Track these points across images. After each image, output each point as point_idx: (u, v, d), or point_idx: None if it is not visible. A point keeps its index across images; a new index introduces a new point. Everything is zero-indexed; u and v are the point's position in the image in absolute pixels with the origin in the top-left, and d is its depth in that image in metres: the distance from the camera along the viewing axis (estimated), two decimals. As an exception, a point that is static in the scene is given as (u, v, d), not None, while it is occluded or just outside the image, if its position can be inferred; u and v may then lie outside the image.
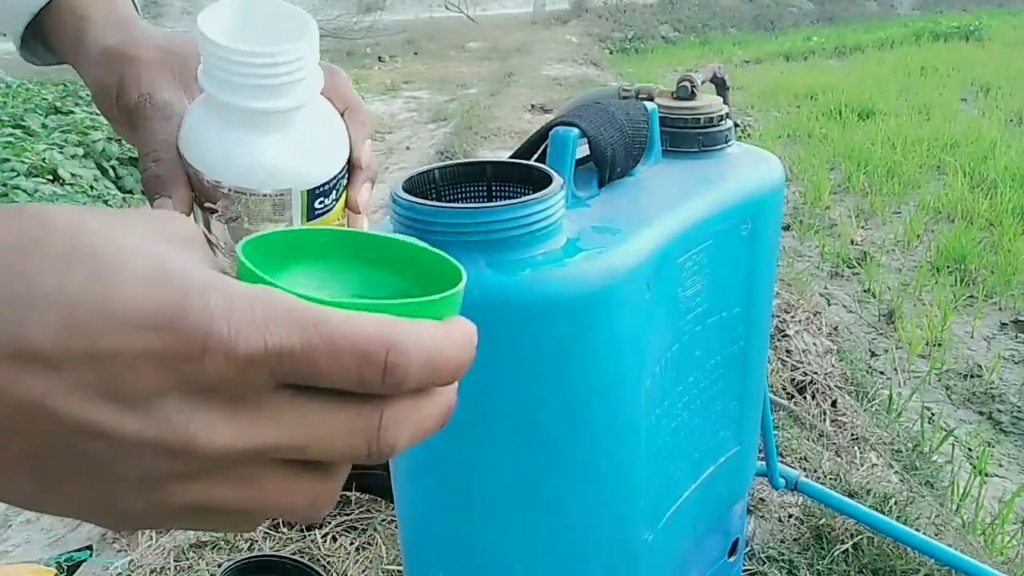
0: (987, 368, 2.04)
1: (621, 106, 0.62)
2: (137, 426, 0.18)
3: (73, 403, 0.18)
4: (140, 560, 1.07)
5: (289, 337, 0.19)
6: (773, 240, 0.70)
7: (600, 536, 0.59)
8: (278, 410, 0.20)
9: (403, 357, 0.20)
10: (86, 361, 0.18)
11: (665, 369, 0.60)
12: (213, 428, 0.19)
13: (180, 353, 0.18)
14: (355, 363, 0.19)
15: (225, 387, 0.19)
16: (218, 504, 0.20)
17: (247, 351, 0.18)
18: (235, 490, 0.20)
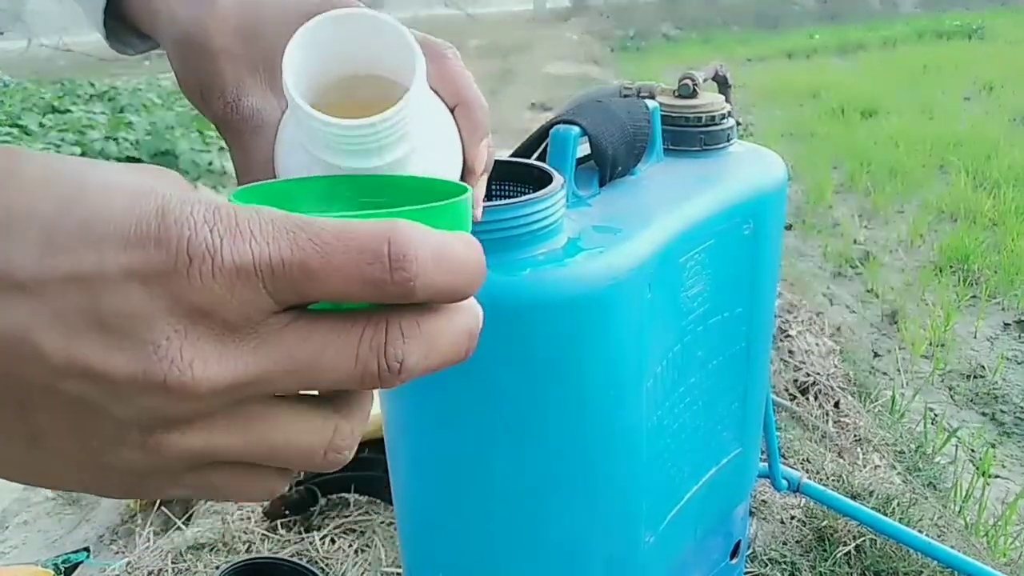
0: (990, 369, 2.03)
1: (622, 104, 0.62)
2: (124, 359, 0.17)
3: (57, 335, 0.17)
4: (137, 562, 1.07)
5: (277, 244, 0.17)
6: (775, 240, 0.70)
7: (601, 538, 0.59)
8: (277, 335, 0.18)
9: (409, 248, 0.18)
10: (68, 283, 0.17)
11: (666, 370, 0.60)
12: (208, 358, 0.17)
13: (164, 266, 0.17)
14: (354, 261, 0.18)
15: (217, 309, 0.17)
16: (223, 452, 0.19)
17: (234, 262, 0.17)
18: (240, 434, 0.19)
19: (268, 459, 0.20)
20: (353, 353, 0.19)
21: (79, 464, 0.19)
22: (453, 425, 0.54)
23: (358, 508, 1.14)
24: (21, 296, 0.17)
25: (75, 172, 0.18)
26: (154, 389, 0.17)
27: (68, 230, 0.17)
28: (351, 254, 0.18)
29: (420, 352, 0.19)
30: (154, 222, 0.17)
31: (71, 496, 1.47)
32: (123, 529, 1.34)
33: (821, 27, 8.66)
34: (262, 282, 0.17)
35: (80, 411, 0.18)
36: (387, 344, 0.19)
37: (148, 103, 3.90)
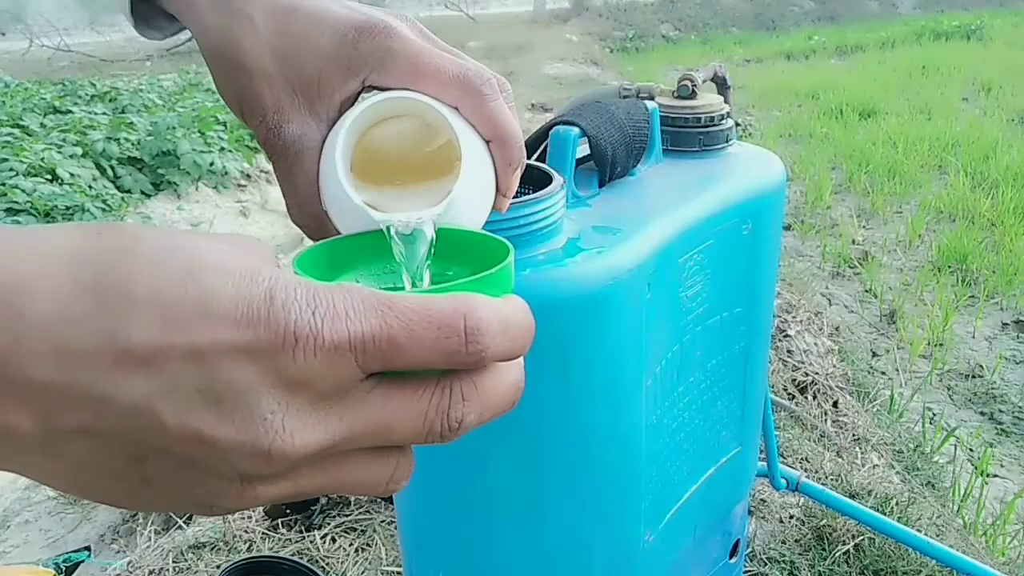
0: (988, 368, 2.04)
1: (622, 105, 0.62)
2: (235, 429, 0.19)
3: (175, 407, 0.19)
4: (138, 561, 1.07)
5: (369, 322, 0.20)
6: (774, 240, 0.70)
7: (600, 537, 0.59)
8: (363, 402, 0.21)
9: (482, 322, 0.20)
10: (185, 360, 0.19)
11: (666, 369, 0.60)
12: (304, 428, 0.20)
13: (271, 345, 0.19)
14: (434, 335, 0.20)
15: (314, 382, 0.20)
16: (303, 493, 0.22)
17: (332, 340, 0.19)
18: (321, 478, 0.21)
19: (339, 491, 0.23)
20: (422, 417, 0.21)
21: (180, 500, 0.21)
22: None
23: (358, 507, 1.14)
24: (143, 370, 0.18)
25: (188, 252, 0.19)
26: (259, 455, 0.20)
27: (185, 310, 0.19)
28: (432, 329, 0.20)
29: (477, 411, 0.22)
30: (264, 306, 0.19)
31: (73, 495, 1.47)
32: (124, 528, 1.34)
33: (820, 28, 8.66)
34: (355, 357, 0.20)
35: (189, 467, 0.20)
36: (450, 408, 0.21)
37: (149, 103, 3.90)
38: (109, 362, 0.18)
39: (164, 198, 2.96)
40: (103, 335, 0.18)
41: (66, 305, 0.18)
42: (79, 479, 0.20)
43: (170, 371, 0.19)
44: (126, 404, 0.18)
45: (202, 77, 4.48)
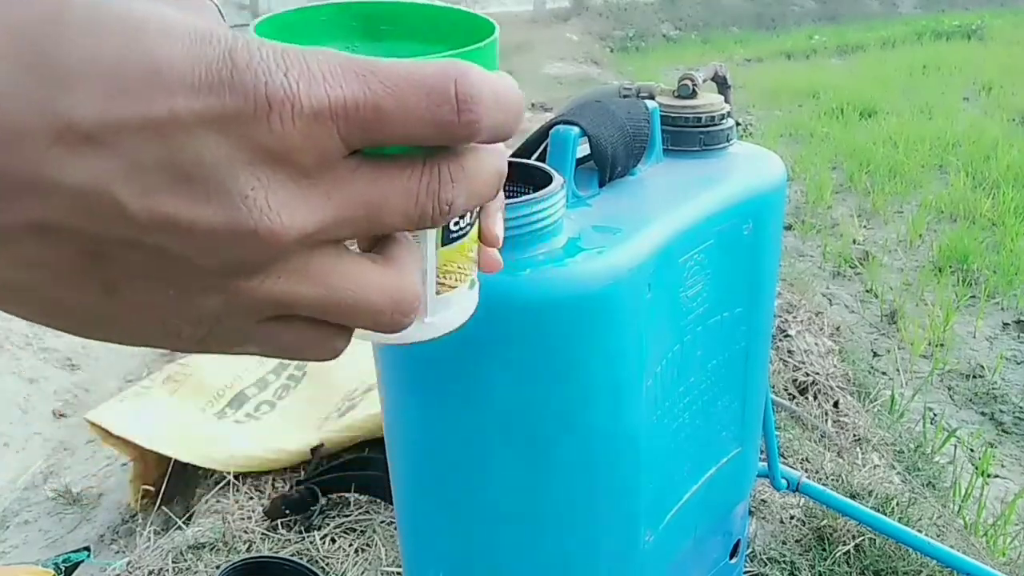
0: (989, 368, 2.04)
1: (622, 105, 0.62)
2: (212, 211, 0.17)
3: (137, 189, 0.16)
4: (138, 562, 1.07)
5: (350, 87, 0.17)
6: (775, 240, 0.70)
7: (600, 537, 0.59)
8: (348, 179, 0.18)
9: (475, 89, 0.18)
10: (141, 132, 0.16)
11: (666, 369, 0.60)
12: (292, 205, 0.17)
13: (242, 113, 0.16)
14: (424, 102, 0.18)
15: (294, 155, 0.17)
16: (297, 302, 0.19)
17: (311, 105, 0.17)
18: (315, 284, 0.19)
19: (338, 312, 0.20)
20: (413, 197, 0.19)
21: (153, 313, 0.19)
22: (453, 425, 0.54)
23: (358, 508, 1.14)
24: (91, 148, 0.16)
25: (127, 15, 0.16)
26: (243, 239, 0.17)
27: (133, 77, 0.16)
28: (421, 95, 0.18)
29: (465, 193, 0.20)
30: (225, 67, 0.16)
31: (72, 496, 1.47)
32: (124, 528, 1.34)
33: (820, 27, 8.65)
34: (336, 126, 0.17)
35: (160, 262, 0.17)
36: (440, 188, 0.20)
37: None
38: (50, 139, 0.15)
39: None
40: (40, 111, 0.15)
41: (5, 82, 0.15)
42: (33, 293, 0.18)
43: (124, 147, 0.16)
44: (75, 186, 0.16)
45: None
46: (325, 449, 1.19)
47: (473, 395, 0.52)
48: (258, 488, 1.20)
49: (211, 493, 1.19)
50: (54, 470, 1.61)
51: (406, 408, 0.56)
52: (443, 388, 0.53)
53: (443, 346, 0.50)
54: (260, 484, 1.20)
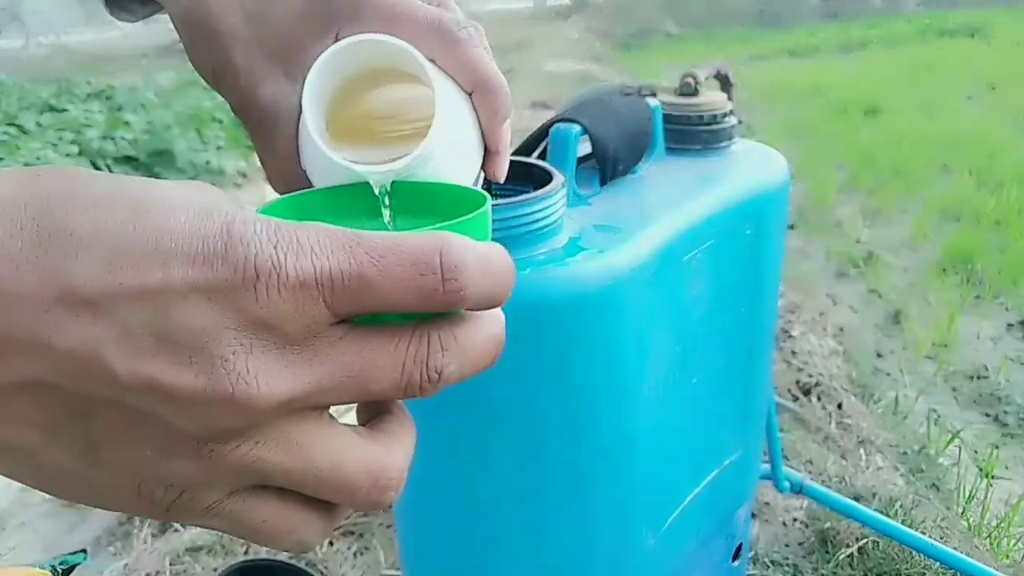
0: (994, 369, 2.03)
1: (623, 103, 0.61)
2: (192, 374, 0.17)
3: (125, 352, 0.17)
4: (135, 564, 1.06)
5: (336, 257, 0.18)
6: (778, 239, 0.69)
7: (602, 539, 0.58)
8: (334, 347, 0.19)
9: (459, 259, 0.19)
10: (135, 301, 0.17)
11: (668, 370, 0.59)
12: (271, 371, 0.18)
13: (230, 283, 0.17)
14: (408, 272, 0.18)
15: (279, 323, 0.18)
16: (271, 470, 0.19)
17: (298, 276, 0.18)
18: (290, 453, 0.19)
19: (313, 484, 0.20)
20: (400, 366, 0.19)
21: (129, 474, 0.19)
22: (453, 426, 0.53)
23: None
24: (88, 312, 0.17)
25: (138, 191, 0.18)
26: (220, 402, 0.18)
27: (134, 247, 0.17)
28: (405, 266, 0.18)
29: (457, 363, 0.20)
30: (220, 240, 0.18)
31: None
32: (121, 531, 1.34)
33: (823, 25, 8.65)
34: (323, 295, 0.18)
35: (140, 422, 0.18)
36: (429, 357, 0.20)
37: (145, 102, 3.89)
38: (50, 303, 0.17)
39: (164, 196, 2.96)
40: (43, 275, 0.17)
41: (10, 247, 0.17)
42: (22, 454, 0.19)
43: (118, 313, 0.17)
44: (70, 349, 0.17)
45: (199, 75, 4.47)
46: (324, 450, 1.18)
47: (473, 395, 0.51)
48: (257, 489, 1.19)
49: (209, 494, 1.18)
50: (53, 470, 1.60)
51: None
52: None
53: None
54: (259, 485, 1.20)
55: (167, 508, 0.20)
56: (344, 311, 0.19)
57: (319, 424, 0.20)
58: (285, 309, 0.18)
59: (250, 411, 0.18)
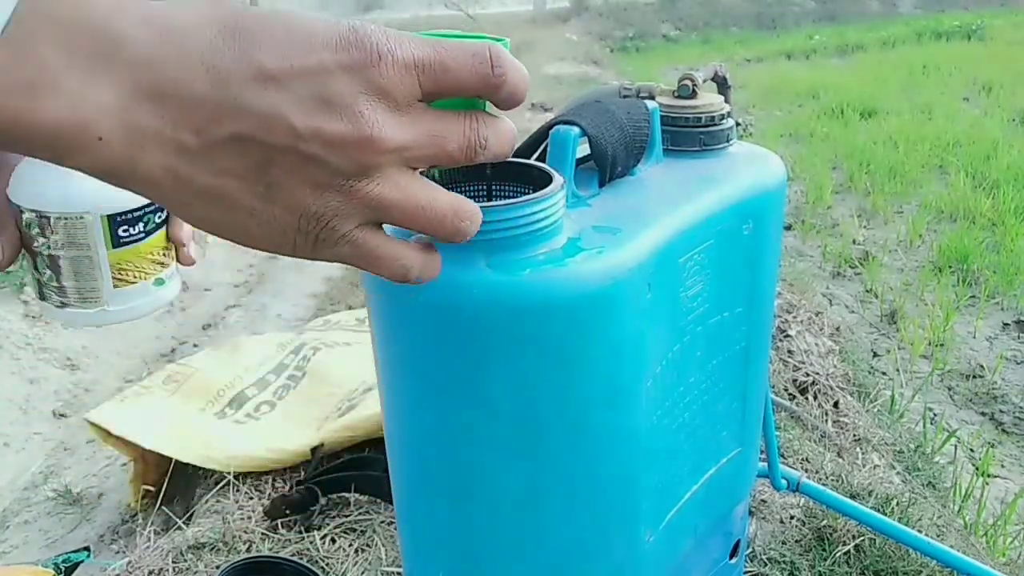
0: (989, 368, 2.04)
1: (622, 105, 0.62)
2: (345, 125, 0.26)
3: (299, 112, 0.26)
4: (138, 562, 1.07)
5: (426, 50, 0.27)
6: (775, 240, 0.70)
7: (601, 537, 0.59)
8: (424, 115, 0.28)
9: (503, 55, 0.29)
10: (303, 75, 0.26)
11: (666, 369, 0.60)
12: (390, 123, 0.27)
13: (363, 61, 0.26)
14: (471, 60, 0.28)
15: (392, 92, 0.27)
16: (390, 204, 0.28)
17: (404, 58, 0.27)
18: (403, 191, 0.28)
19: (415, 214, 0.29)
20: (462, 133, 0.29)
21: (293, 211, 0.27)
22: (453, 425, 0.54)
23: (358, 508, 1.14)
24: (274, 85, 0.25)
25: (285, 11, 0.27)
26: (360, 142, 0.27)
27: (296, 39, 0.26)
28: (469, 56, 0.28)
29: (494, 139, 0.30)
30: (352, 34, 0.26)
31: (72, 496, 1.47)
32: (124, 529, 1.34)
33: (820, 28, 8.65)
34: (418, 74, 0.27)
35: (307, 164, 0.26)
36: (479, 128, 0.30)
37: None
38: (249, 79, 0.25)
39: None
40: (243, 61, 0.25)
41: (216, 43, 0.25)
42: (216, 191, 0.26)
43: (292, 85, 0.25)
44: (263, 110, 0.25)
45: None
46: (325, 449, 1.19)
47: (473, 395, 0.52)
48: (258, 488, 1.20)
49: (211, 493, 1.19)
50: (54, 470, 1.61)
51: (406, 408, 0.56)
52: (443, 388, 0.53)
53: (443, 346, 0.51)
54: (260, 484, 1.20)
55: (316, 238, 0.28)
56: (430, 88, 0.28)
57: (416, 177, 0.29)
58: (396, 80, 0.27)
59: (377, 150, 0.27)
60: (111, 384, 1.92)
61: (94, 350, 2.06)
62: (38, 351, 1.97)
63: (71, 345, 2.03)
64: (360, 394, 1.30)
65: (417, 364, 0.53)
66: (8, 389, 1.81)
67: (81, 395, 1.89)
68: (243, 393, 1.38)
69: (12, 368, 1.88)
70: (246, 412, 1.34)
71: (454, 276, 0.48)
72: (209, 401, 1.36)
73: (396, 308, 0.52)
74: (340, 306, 2.04)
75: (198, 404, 1.35)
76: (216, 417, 1.33)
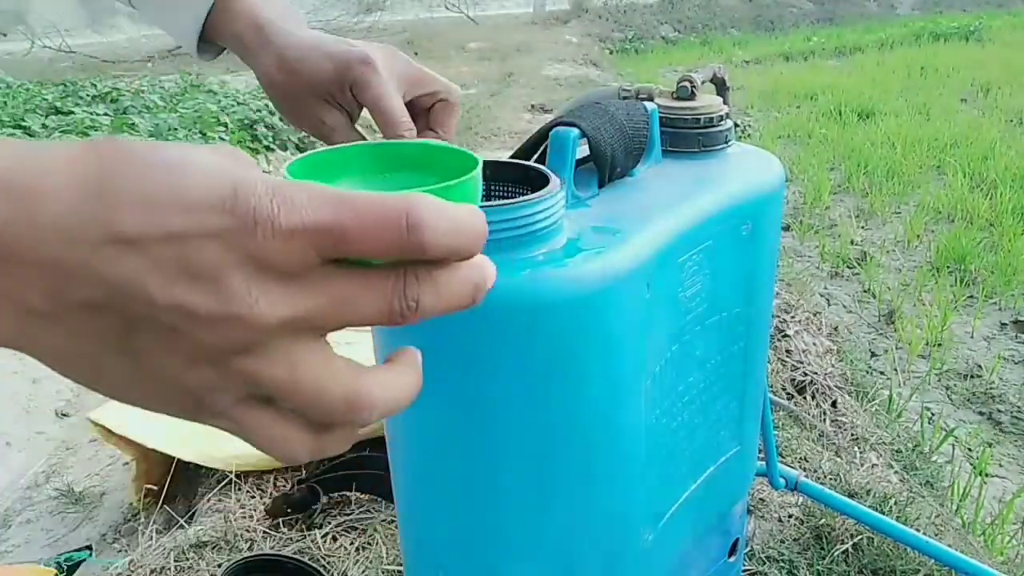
0: (987, 368, 2.04)
1: (621, 106, 0.62)
2: (211, 300, 0.23)
3: (159, 282, 0.23)
4: (140, 560, 1.07)
5: (322, 213, 0.23)
6: (773, 240, 0.70)
7: (600, 536, 0.59)
8: (321, 281, 0.24)
9: (423, 218, 0.23)
10: (166, 241, 0.22)
11: (665, 369, 0.60)
12: (270, 297, 0.23)
13: (237, 229, 0.22)
14: (380, 229, 0.23)
15: (276, 262, 0.23)
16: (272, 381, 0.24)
17: (288, 225, 0.23)
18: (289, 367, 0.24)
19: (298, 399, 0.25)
20: (383, 295, 0.24)
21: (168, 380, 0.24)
22: (453, 424, 0.54)
23: (359, 506, 1.14)
24: (132, 250, 0.22)
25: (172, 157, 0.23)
26: (231, 320, 0.23)
27: (166, 202, 0.23)
28: (378, 222, 0.23)
29: (432, 295, 0.25)
30: (230, 196, 0.23)
31: (74, 495, 1.47)
32: (126, 527, 1.34)
33: (818, 29, 8.66)
34: (310, 241, 0.23)
35: (173, 336, 0.23)
36: (407, 288, 0.24)
37: (151, 104, 3.88)
38: (104, 243, 0.22)
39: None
40: (100, 223, 0.22)
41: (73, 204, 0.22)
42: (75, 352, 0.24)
43: (153, 251, 0.22)
44: (119, 277, 0.22)
45: (204, 78, 4.47)
46: (326, 449, 1.19)
47: (473, 395, 0.52)
48: (260, 487, 1.20)
49: (213, 492, 1.19)
50: (56, 469, 1.61)
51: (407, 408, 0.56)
52: (444, 388, 0.53)
53: (444, 346, 0.51)
54: (262, 483, 1.21)
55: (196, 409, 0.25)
56: (330, 255, 0.23)
57: (313, 348, 0.24)
58: (279, 249, 0.23)
59: (254, 327, 0.23)
60: (112, 384, 1.92)
61: (95, 351, 2.05)
62: (39, 352, 1.97)
63: (72, 346, 2.03)
64: (361, 394, 1.30)
65: (418, 363, 0.53)
66: (11, 388, 1.82)
67: (83, 394, 1.89)
68: (244, 393, 1.38)
69: (15, 367, 1.88)
70: (247, 412, 1.34)
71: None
72: (210, 401, 1.36)
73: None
74: (340, 307, 2.04)
75: (199, 404, 1.35)
76: (217, 417, 1.33)
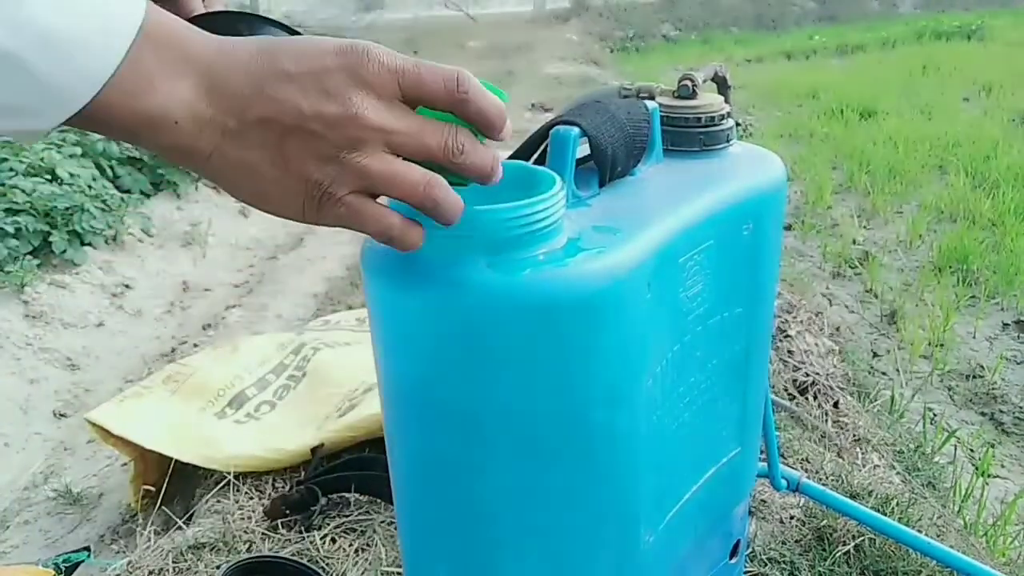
0: (989, 369, 2.04)
1: (622, 105, 0.62)
2: (337, 106, 0.36)
3: (308, 100, 0.36)
4: (138, 562, 1.07)
5: (408, 62, 0.38)
6: (775, 240, 0.70)
7: (601, 538, 0.59)
8: (402, 111, 0.38)
9: (469, 79, 0.39)
10: (311, 74, 0.36)
11: (666, 370, 0.60)
12: (373, 108, 0.37)
13: (355, 61, 0.37)
14: (443, 77, 0.38)
15: (377, 87, 0.37)
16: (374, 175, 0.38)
17: (388, 63, 0.37)
18: (384, 164, 0.38)
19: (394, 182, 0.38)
20: (441, 134, 0.39)
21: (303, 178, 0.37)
22: (453, 425, 0.54)
23: (358, 508, 1.14)
24: (289, 80, 0.36)
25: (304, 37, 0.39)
26: (349, 120, 0.36)
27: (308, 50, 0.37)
28: (440, 74, 0.38)
29: (471, 147, 0.40)
30: (349, 44, 0.37)
31: (72, 496, 1.47)
32: (124, 529, 1.34)
33: (820, 28, 8.66)
34: (399, 77, 0.37)
35: (312, 139, 0.37)
36: (457, 134, 0.39)
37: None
38: (273, 78, 0.36)
39: (164, 198, 2.95)
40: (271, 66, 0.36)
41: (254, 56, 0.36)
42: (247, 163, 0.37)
43: (303, 81, 0.36)
44: (282, 98, 0.36)
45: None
46: (325, 449, 1.19)
47: (473, 395, 0.52)
48: (258, 488, 1.20)
49: (211, 493, 1.19)
50: (54, 470, 1.61)
51: (406, 408, 0.56)
52: (443, 388, 0.53)
53: (444, 346, 0.51)
54: (260, 484, 1.20)
55: (318, 202, 0.38)
56: (409, 92, 0.38)
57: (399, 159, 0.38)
58: (380, 78, 0.37)
59: (362, 125, 0.36)
60: (111, 384, 1.93)
61: (94, 350, 2.06)
62: (38, 351, 1.97)
63: (71, 345, 2.03)
64: (360, 394, 1.30)
65: (417, 364, 0.53)
66: (8, 389, 1.82)
67: (81, 395, 1.89)
68: (243, 393, 1.38)
69: (12, 368, 1.88)
70: (246, 412, 1.34)
71: (454, 276, 0.48)
72: (209, 401, 1.36)
73: (396, 308, 0.52)
74: (340, 306, 2.05)
75: (198, 404, 1.35)
76: (216, 417, 1.33)
